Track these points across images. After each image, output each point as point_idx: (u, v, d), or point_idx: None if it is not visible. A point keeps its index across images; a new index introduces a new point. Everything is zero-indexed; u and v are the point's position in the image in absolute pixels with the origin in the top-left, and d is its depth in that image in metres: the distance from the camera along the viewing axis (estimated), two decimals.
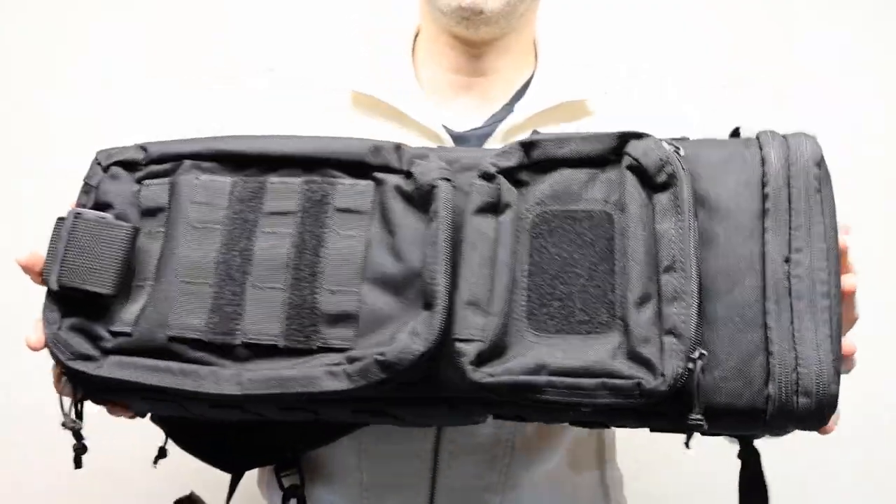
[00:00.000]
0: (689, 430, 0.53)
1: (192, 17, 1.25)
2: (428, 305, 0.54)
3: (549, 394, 0.52)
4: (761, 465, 0.63)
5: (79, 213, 0.59)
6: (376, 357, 0.53)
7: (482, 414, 0.59)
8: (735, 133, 0.62)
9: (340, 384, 0.54)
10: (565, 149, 0.57)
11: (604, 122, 0.77)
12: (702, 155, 0.57)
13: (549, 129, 0.71)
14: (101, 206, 0.61)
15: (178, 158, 0.62)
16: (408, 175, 0.58)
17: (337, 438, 0.72)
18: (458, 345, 0.53)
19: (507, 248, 0.55)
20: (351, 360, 0.55)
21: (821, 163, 0.55)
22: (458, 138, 0.76)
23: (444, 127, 0.76)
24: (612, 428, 0.71)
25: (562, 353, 0.53)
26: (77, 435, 0.61)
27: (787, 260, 0.54)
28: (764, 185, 0.55)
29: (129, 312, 0.59)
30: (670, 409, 0.52)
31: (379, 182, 0.59)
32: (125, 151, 0.63)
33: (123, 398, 0.62)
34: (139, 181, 0.62)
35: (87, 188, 0.62)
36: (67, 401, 0.61)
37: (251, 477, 0.82)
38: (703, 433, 0.54)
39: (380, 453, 0.74)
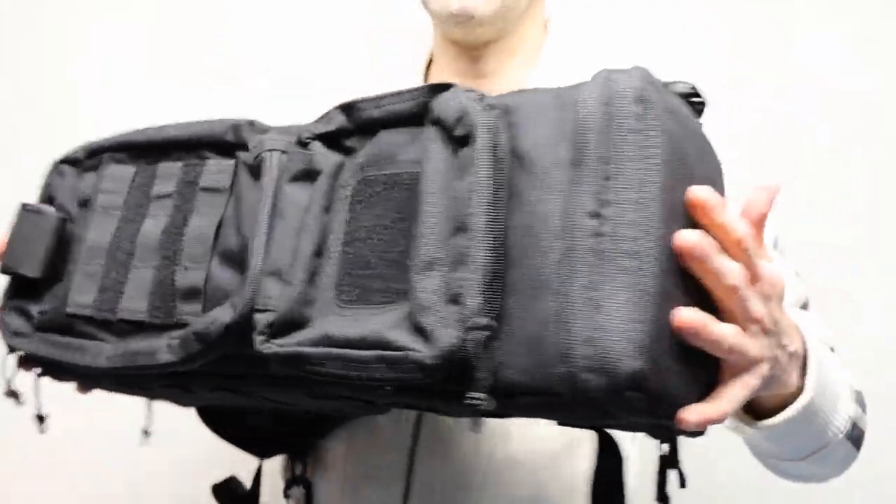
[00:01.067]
0: (469, 412, 0.47)
1: (192, 18, 1.26)
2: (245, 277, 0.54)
3: (326, 366, 0.49)
4: (621, 471, 0.58)
5: (23, 206, 0.67)
6: (194, 329, 0.54)
7: (305, 395, 0.58)
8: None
9: (170, 357, 0.56)
10: (381, 109, 0.54)
11: None
12: (522, 104, 0.50)
13: None
14: (46, 200, 0.69)
15: (102, 152, 0.67)
16: (248, 149, 0.59)
17: (330, 428, 0.77)
18: (255, 315, 0.52)
19: (315, 217, 0.53)
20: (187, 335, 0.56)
21: (642, 97, 0.46)
22: None
23: None
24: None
25: (350, 324, 0.49)
26: (13, 395, 0.69)
27: (596, 215, 0.45)
28: (577, 131, 0.47)
29: (51, 294, 0.66)
30: (447, 383, 0.46)
31: (238, 159, 0.60)
32: (72, 150, 0.70)
33: (40, 365, 0.67)
34: (80, 175, 0.68)
35: (43, 185, 0.70)
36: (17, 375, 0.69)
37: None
38: (496, 415, 0.49)
39: (364, 443, 0.76)
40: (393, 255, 0.50)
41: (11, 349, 0.67)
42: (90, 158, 0.68)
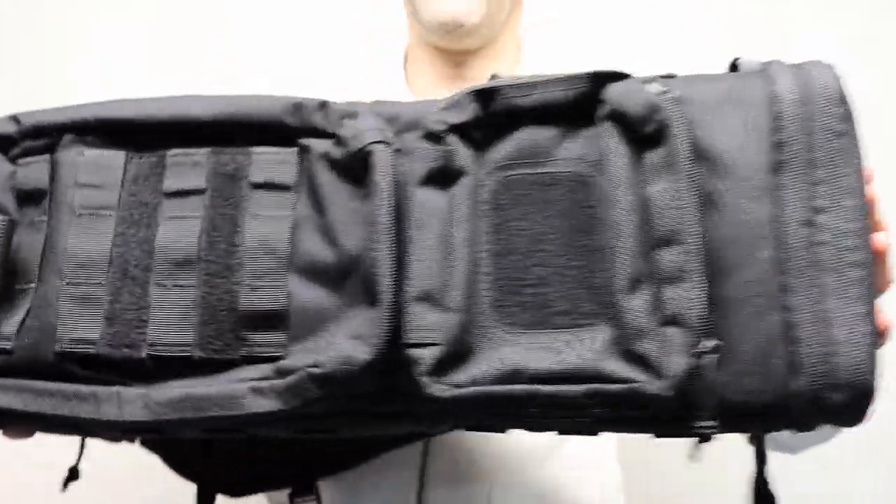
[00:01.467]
0: (697, 438, 0.44)
1: (191, 17, 1.25)
2: (371, 301, 0.44)
3: (531, 408, 0.43)
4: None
5: None
6: (309, 370, 0.43)
7: (452, 428, 0.50)
8: (734, 67, 0.51)
9: (269, 404, 0.44)
10: (530, 97, 0.46)
11: None
12: (693, 95, 0.46)
13: None
14: None
15: (58, 130, 0.50)
16: (338, 139, 0.47)
17: (362, 463, 0.65)
18: (412, 351, 0.43)
19: (464, 226, 0.45)
20: (281, 373, 0.45)
21: (843, 99, 0.44)
22: None
23: None
24: None
25: (540, 353, 0.43)
26: None
27: (810, 223, 0.44)
28: (776, 130, 0.45)
29: (10, 324, 0.48)
30: (674, 413, 0.43)
31: (304, 149, 0.48)
32: None
33: (8, 424, 0.51)
34: (13, 160, 0.51)
35: None
36: None
37: None
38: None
39: (366, 486, 0.70)
40: (572, 272, 0.44)
41: None
42: (33, 138, 0.51)
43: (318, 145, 0.47)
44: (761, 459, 0.53)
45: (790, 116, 0.44)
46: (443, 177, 0.46)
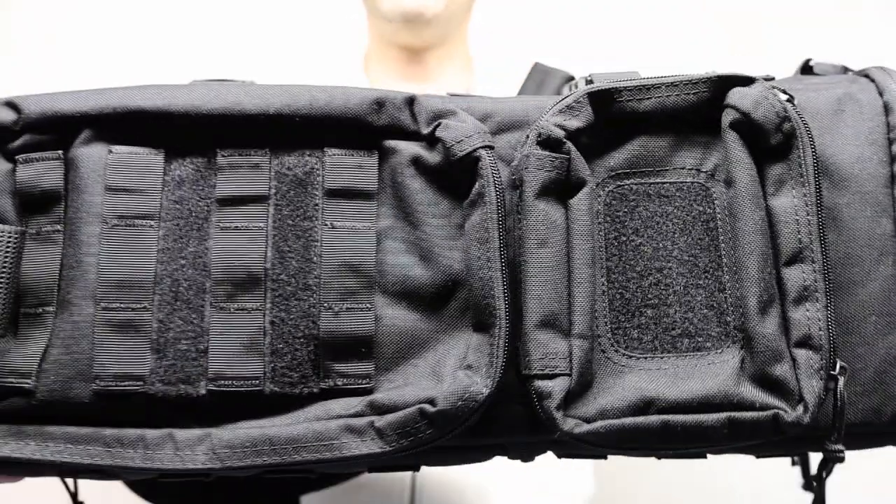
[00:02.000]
0: (825, 461, 0.43)
1: (188, 18, 1.24)
2: (482, 327, 0.40)
3: (668, 440, 0.40)
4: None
5: None
6: (422, 407, 0.39)
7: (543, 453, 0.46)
8: (805, 67, 0.50)
9: (371, 445, 0.39)
10: (648, 101, 0.42)
11: None
12: (807, 102, 0.44)
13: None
14: None
15: (73, 122, 0.42)
16: (430, 141, 0.42)
17: (344, 480, 0.63)
18: (538, 383, 0.39)
19: (585, 242, 0.41)
20: (378, 409, 0.40)
21: None
22: None
23: None
24: None
25: (668, 380, 0.40)
26: None
27: None
28: (891, 141, 0.43)
29: (23, 358, 0.40)
30: (804, 435, 0.41)
31: (387, 151, 0.42)
32: None
33: (23, 472, 0.43)
34: (12, 156, 0.42)
35: None
36: None
37: None
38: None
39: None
40: (696, 291, 0.42)
41: None
42: (38, 131, 0.41)
43: (406, 147, 0.42)
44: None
45: None
46: (562, 187, 0.41)
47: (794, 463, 0.54)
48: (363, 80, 0.83)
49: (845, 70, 0.49)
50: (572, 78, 0.50)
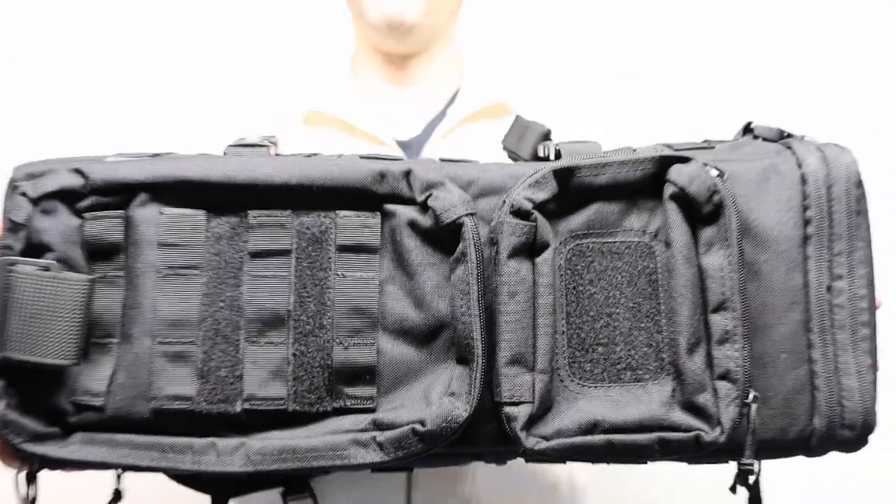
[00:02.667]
0: (739, 473, 0.52)
1: (186, 19, 1.26)
2: (463, 361, 0.49)
3: (607, 454, 0.49)
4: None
5: (12, 264, 0.47)
6: (414, 426, 0.48)
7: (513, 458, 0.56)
8: (747, 129, 0.57)
9: (372, 455, 0.48)
10: (603, 176, 0.51)
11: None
12: (737, 173, 0.52)
13: (475, 127, 0.82)
14: (36, 248, 0.50)
15: (131, 187, 0.50)
16: (423, 207, 0.50)
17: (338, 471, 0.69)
18: (507, 409, 0.48)
19: (547, 295, 0.50)
20: (379, 426, 0.49)
21: (860, 182, 0.52)
22: (402, 145, 0.80)
23: (388, 136, 0.80)
24: None
25: (612, 406, 0.49)
26: None
27: (829, 289, 0.51)
28: (805, 208, 0.51)
29: (95, 380, 0.49)
30: (721, 451, 0.50)
31: (388, 214, 0.51)
32: (55, 176, 0.50)
33: (91, 468, 0.52)
34: (80, 214, 0.50)
35: (14, 226, 0.49)
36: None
37: None
38: None
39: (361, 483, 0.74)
40: (638, 332, 0.50)
41: (30, 460, 0.50)
42: (102, 194, 0.50)
43: (403, 212, 0.51)
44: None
45: (817, 196, 0.51)
46: (530, 248, 0.50)
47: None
48: (350, 82, 0.86)
49: (781, 133, 0.56)
50: (549, 133, 0.57)
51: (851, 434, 0.51)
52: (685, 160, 0.50)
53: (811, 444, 0.52)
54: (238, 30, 1.26)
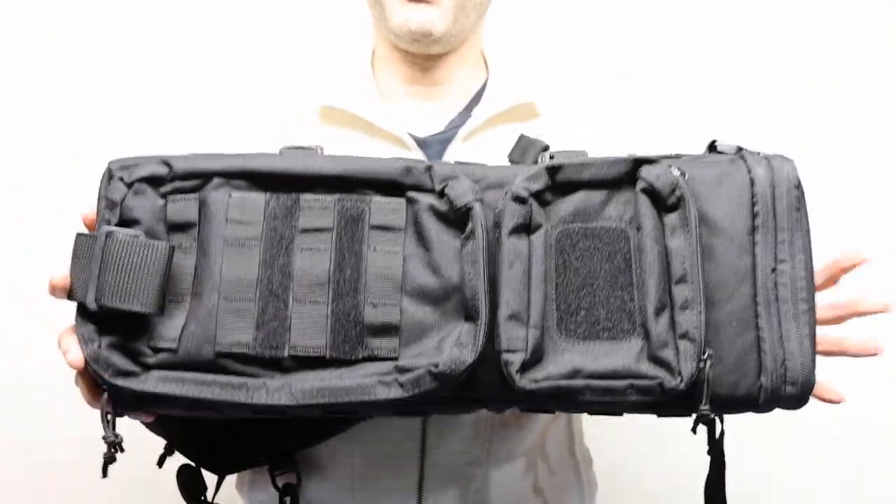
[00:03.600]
0: (697, 419, 0.62)
1: (185, 19, 1.29)
2: (471, 318, 0.60)
3: (587, 395, 0.59)
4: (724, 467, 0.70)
5: (110, 232, 0.58)
6: (430, 368, 0.58)
7: (512, 408, 0.65)
8: (712, 146, 0.69)
9: (395, 393, 0.58)
10: (585, 173, 0.62)
11: (556, 125, 0.87)
12: (697, 175, 0.63)
13: (503, 129, 0.82)
14: (128, 222, 0.61)
15: (206, 176, 0.62)
16: (441, 195, 0.62)
17: (335, 435, 0.76)
18: (505, 355, 0.59)
19: (540, 265, 0.61)
20: (401, 370, 0.59)
21: (799, 184, 0.63)
22: (422, 143, 0.83)
23: (408, 133, 0.83)
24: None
25: (592, 357, 0.60)
26: (117, 446, 0.60)
27: (774, 270, 0.62)
28: (754, 204, 0.62)
29: (170, 328, 0.60)
30: (681, 401, 0.60)
31: (411, 200, 0.62)
32: (146, 166, 0.62)
33: (163, 408, 0.63)
34: (163, 196, 0.62)
35: (111, 204, 0.61)
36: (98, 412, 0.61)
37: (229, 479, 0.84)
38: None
39: (371, 436, 0.78)
40: (614, 300, 0.61)
41: (115, 391, 0.59)
42: (182, 179, 0.62)
43: (424, 198, 0.63)
44: (719, 467, 0.70)
45: (763, 195, 0.63)
46: (525, 229, 0.62)
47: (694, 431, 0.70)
48: (369, 80, 0.86)
49: (740, 149, 0.68)
50: (547, 147, 0.68)
51: (794, 390, 0.61)
52: (653, 161, 0.62)
53: (759, 399, 0.62)
54: (252, 23, 1.28)
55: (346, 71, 0.88)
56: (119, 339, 0.60)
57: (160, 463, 0.75)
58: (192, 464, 0.78)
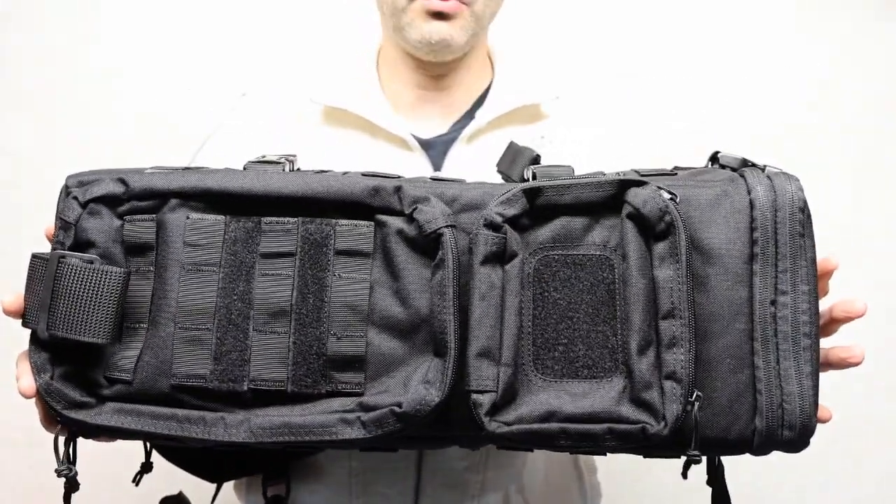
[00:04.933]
0: (687, 462, 0.58)
1: (185, 19, 1.29)
2: (439, 353, 0.55)
3: (562, 441, 0.55)
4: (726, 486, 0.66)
5: (63, 257, 0.56)
6: (392, 408, 0.54)
7: (486, 445, 0.62)
8: (714, 158, 0.63)
9: (357, 433, 0.55)
10: (567, 196, 0.57)
11: (558, 126, 0.84)
12: (692, 197, 0.57)
13: (508, 132, 0.79)
14: (83, 244, 0.58)
15: (163, 196, 0.59)
16: (410, 219, 0.57)
17: (327, 448, 0.73)
18: (474, 396, 0.55)
19: (514, 297, 0.56)
20: (365, 408, 0.56)
21: (804, 207, 0.57)
22: (425, 145, 0.82)
23: (412, 135, 0.81)
24: None
25: (569, 398, 0.55)
26: (72, 481, 0.59)
27: (773, 302, 0.56)
28: (753, 229, 0.57)
29: (125, 358, 0.58)
30: (668, 444, 0.55)
31: (380, 224, 0.58)
32: (102, 184, 0.59)
33: (120, 438, 0.60)
34: (121, 216, 0.59)
35: (65, 225, 0.58)
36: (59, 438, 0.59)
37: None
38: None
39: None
40: (595, 335, 0.56)
41: (68, 424, 0.57)
42: (139, 199, 0.59)
43: (393, 222, 0.58)
44: (723, 499, 0.65)
45: (764, 220, 0.57)
46: (498, 258, 0.57)
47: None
48: (374, 81, 0.85)
49: (745, 162, 0.62)
50: (538, 157, 0.62)
51: (792, 434, 0.56)
52: (641, 183, 0.57)
53: (753, 443, 0.57)
54: (252, 23, 1.27)
55: (349, 71, 0.87)
56: (73, 368, 0.57)
57: (136, 481, 0.72)
58: (175, 494, 0.76)
